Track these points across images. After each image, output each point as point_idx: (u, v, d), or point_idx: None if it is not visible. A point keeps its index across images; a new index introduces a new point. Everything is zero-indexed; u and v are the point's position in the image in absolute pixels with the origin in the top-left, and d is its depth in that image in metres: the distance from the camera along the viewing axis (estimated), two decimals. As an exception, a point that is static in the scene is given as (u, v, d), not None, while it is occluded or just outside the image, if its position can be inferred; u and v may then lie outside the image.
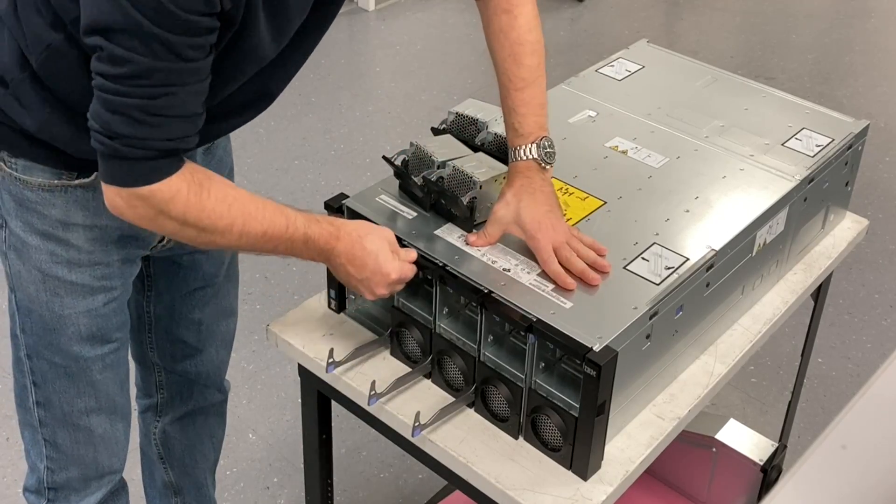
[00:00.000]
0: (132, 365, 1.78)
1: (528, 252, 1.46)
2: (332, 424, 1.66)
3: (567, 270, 1.42)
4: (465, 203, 1.48)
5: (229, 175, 1.72)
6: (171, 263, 1.70)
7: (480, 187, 1.49)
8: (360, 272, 1.42)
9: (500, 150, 1.57)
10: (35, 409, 1.62)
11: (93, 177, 1.45)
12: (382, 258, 1.41)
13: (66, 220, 1.47)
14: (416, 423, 1.39)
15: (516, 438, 1.42)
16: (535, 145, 1.49)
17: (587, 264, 1.43)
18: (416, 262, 1.45)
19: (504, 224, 1.47)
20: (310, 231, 1.39)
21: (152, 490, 2.04)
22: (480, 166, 1.52)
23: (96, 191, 1.46)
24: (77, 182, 1.45)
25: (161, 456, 1.97)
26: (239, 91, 1.42)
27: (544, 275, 1.43)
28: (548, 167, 1.51)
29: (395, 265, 1.42)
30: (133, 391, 1.81)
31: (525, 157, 1.49)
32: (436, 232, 1.50)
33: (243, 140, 3.65)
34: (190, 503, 2.04)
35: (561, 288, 1.41)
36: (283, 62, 1.44)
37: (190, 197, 1.30)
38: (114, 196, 1.30)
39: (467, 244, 1.47)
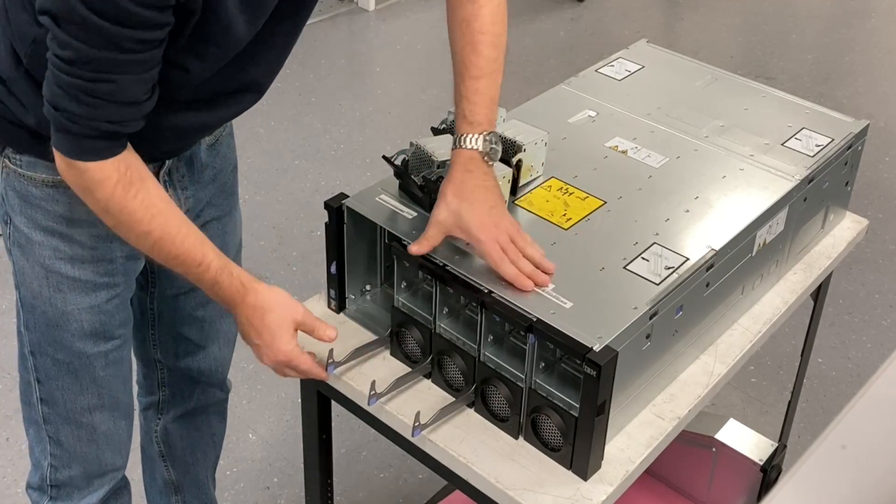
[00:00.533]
0: (134, 363, 1.78)
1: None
2: (332, 424, 1.66)
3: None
4: None
5: (233, 171, 1.72)
6: None
7: None
8: (256, 337, 1.45)
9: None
10: (39, 406, 1.62)
11: None
12: (278, 337, 1.43)
13: (69, 216, 1.47)
14: (416, 423, 1.39)
15: (516, 438, 1.42)
16: (481, 137, 1.47)
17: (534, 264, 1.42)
18: (421, 264, 1.44)
19: (445, 227, 1.44)
20: (219, 278, 1.42)
21: (153, 488, 2.04)
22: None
23: None
24: None
25: (162, 454, 1.97)
26: (220, 78, 1.42)
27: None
28: (490, 163, 1.48)
29: (288, 349, 1.44)
30: (135, 389, 1.81)
31: (470, 146, 1.46)
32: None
33: (243, 140, 3.65)
34: (190, 501, 2.04)
35: (517, 289, 1.39)
36: (262, 47, 1.43)
37: (116, 189, 1.33)
38: (59, 160, 1.34)
39: (410, 252, 1.43)
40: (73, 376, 1.58)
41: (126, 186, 1.33)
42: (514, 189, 1.58)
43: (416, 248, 1.43)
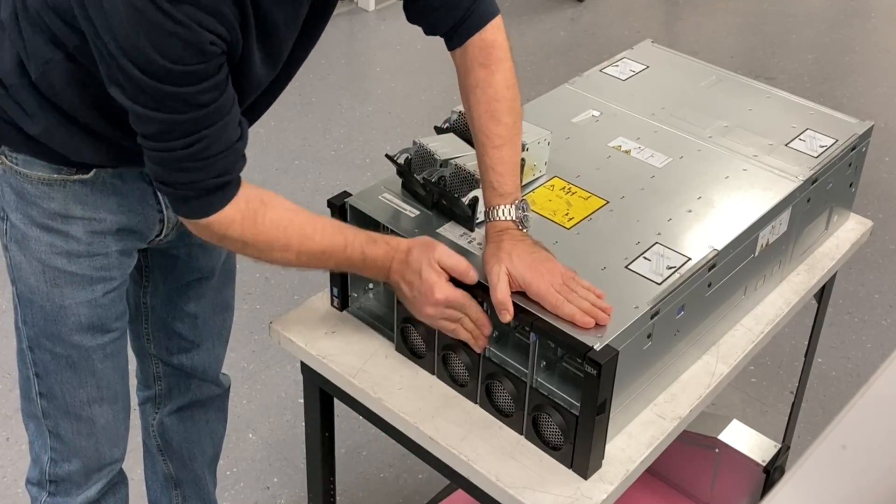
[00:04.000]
0: (131, 357, 1.78)
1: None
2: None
3: None
4: (465, 203, 1.48)
5: None
6: (168, 256, 1.71)
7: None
8: (410, 290, 1.41)
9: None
10: (38, 401, 1.63)
11: (91, 174, 1.47)
12: (425, 273, 1.39)
13: (64, 212, 1.48)
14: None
15: (522, 433, 1.42)
16: (513, 206, 1.45)
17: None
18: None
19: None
20: (368, 250, 1.42)
21: (154, 482, 2.05)
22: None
23: (94, 186, 1.48)
24: (76, 177, 1.47)
25: (160, 448, 1.98)
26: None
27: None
28: (524, 230, 1.46)
29: (439, 283, 1.38)
30: (133, 383, 1.81)
31: (504, 217, 1.44)
32: (438, 230, 1.50)
33: (243, 139, 3.65)
34: (189, 496, 2.04)
35: (581, 328, 1.34)
36: (272, 87, 1.48)
37: (245, 224, 1.37)
38: (187, 224, 1.39)
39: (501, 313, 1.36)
40: (72, 370, 1.59)
41: (252, 219, 1.37)
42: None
43: (506, 317, 1.37)
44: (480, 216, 1.50)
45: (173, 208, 1.38)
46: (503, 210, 1.45)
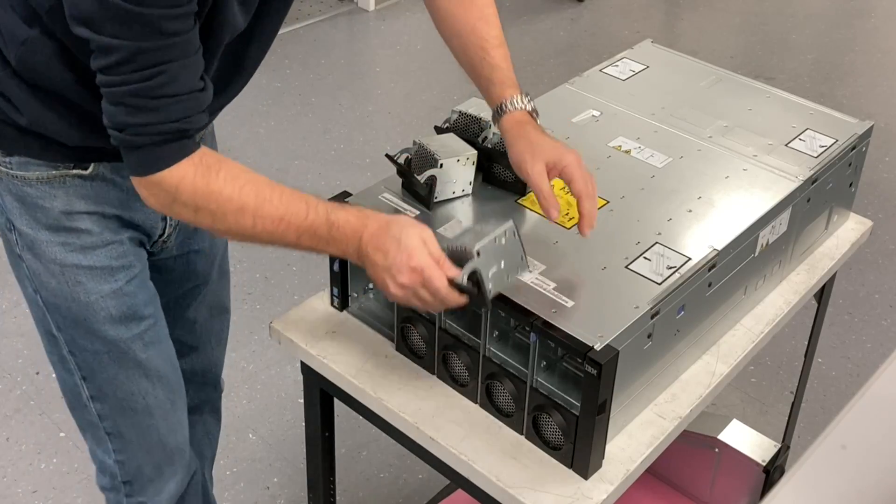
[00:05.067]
0: None
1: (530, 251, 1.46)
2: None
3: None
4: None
5: None
6: (164, 267, 1.69)
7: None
8: (384, 259, 1.32)
9: (503, 149, 1.57)
10: (91, 404, 1.61)
11: (90, 168, 1.46)
12: (405, 244, 1.31)
13: (69, 209, 1.47)
14: None
15: (522, 433, 1.42)
16: (525, 96, 1.48)
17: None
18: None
19: (544, 163, 1.44)
20: (333, 216, 1.33)
21: None
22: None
23: (94, 181, 1.47)
24: (74, 172, 1.45)
25: None
26: (217, 65, 1.42)
27: (546, 273, 1.42)
28: (537, 121, 1.50)
29: (419, 253, 1.31)
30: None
31: (520, 107, 1.47)
32: (438, 230, 1.50)
33: (243, 140, 3.66)
34: (189, 499, 2.03)
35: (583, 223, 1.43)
36: (253, 34, 1.44)
37: (197, 180, 1.29)
38: (137, 186, 1.32)
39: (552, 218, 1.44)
40: (117, 364, 1.58)
41: (205, 173, 1.30)
42: (521, 188, 1.58)
43: (555, 214, 1.43)
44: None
45: (128, 164, 1.30)
46: (519, 99, 1.48)
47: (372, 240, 1.33)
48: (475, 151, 1.56)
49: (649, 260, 1.45)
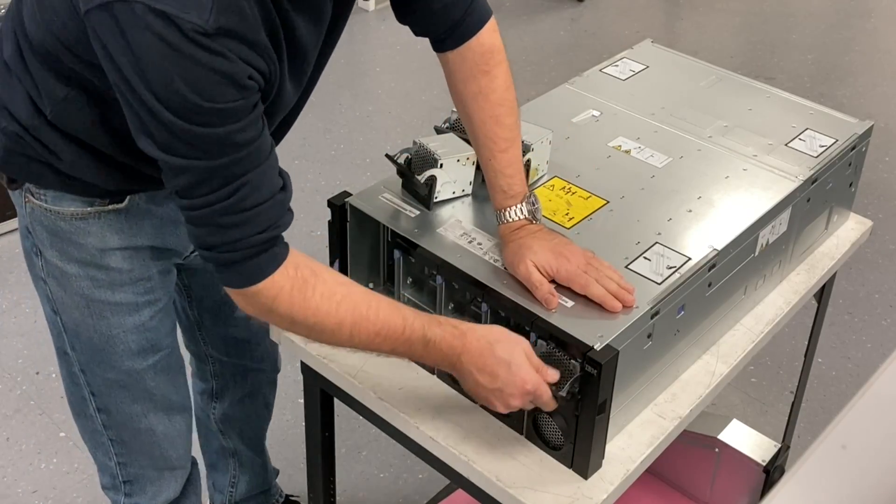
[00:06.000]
0: (186, 355, 1.79)
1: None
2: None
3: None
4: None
5: None
6: (205, 273, 1.70)
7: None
8: (492, 382, 1.30)
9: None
10: (97, 416, 1.62)
11: (125, 202, 1.44)
12: (516, 366, 1.29)
13: (102, 245, 1.46)
14: None
15: (522, 433, 1.42)
16: (524, 204, 1.46)
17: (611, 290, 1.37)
18: (423, 260, 1.44)
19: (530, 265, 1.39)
20: (429, 333, 1.31)
21: (209, 450, 2.09)
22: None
23: (129, 213, 1.45)
24: (110, 208, 1.44)
25: (221, 430, 2.02)
26: None
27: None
28: (537, 223, 1.46)
29: (531, 374, 1.30)
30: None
31: (517, 218, 1.45)
32: (438, 230, 1.50)
33: (243, 139, 3.65)
34: (245, 462, 2.09)
35: (609, 311, 1.35)
36: (295, 106, 1.45)
37: (294, 294, 1.27)
38: (234, 296, 1.29)
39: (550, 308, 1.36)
40: (126, 390, 1.59)
41: (301, 288, 1.27)
42: None
43: (553, 304, 1.36)
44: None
45: (220, 279, 1.27)
46: (515, 210, 1.45)
47: (475, 361, 1.31)
48: (475, 151, 1.56)
49: (649, 260, 1.45)
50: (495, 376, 1.30)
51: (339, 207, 1.52)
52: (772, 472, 1.94)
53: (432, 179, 1.51)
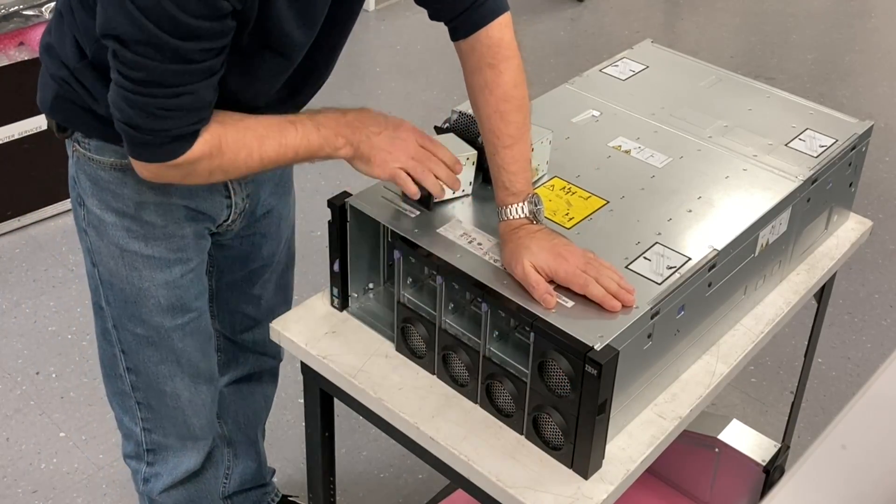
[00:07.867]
0: None
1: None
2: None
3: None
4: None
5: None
6: (233, 249, 1.76)
7: None
8: (384, 127, 1.47)
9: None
10: (126, 376, 1.68)
11: None
12: (402, 121, 1.44)
13: (138, 198, 1.52)
14: None
15: (522, 433, 1.42)
16: (525, 203, 1.46)
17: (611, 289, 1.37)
18: (426, 260, 1.44)
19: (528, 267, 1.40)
20: (316, 117, 1.47)
21: None
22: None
23: None
24: None
25: (217, 413, 2.01)
26: (288, 80, 1.50)
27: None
28: (537, 223, 1.46)
29: (416, 129, 1.46)
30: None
31: (518, 216, 1.45)
32: (439, 230, 1.50)
33: (243, 139, 3.65)
34: (240, 454, 2.10)
35: (609, 311, 1.36)
36: (314, 57, 1.51)
37: (213, 161, 1.37)
38: (141, 169, 1.38)
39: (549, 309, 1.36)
40: (154, 348, 1.64)
41: (218, 147, 1.37)
42: None
43: (551, 302, 1.36)
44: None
45: (130, 151, 1.36)
46: (516, 208, 1.46)
47: (360, 116, 1.50)
48: (475, 151, 1.56)
49: (649, 260, 1.45)
50: (386, 123, 1.49)
51: (340, 208, 1.52)
52: (772, 472, 1.94)
53: None
